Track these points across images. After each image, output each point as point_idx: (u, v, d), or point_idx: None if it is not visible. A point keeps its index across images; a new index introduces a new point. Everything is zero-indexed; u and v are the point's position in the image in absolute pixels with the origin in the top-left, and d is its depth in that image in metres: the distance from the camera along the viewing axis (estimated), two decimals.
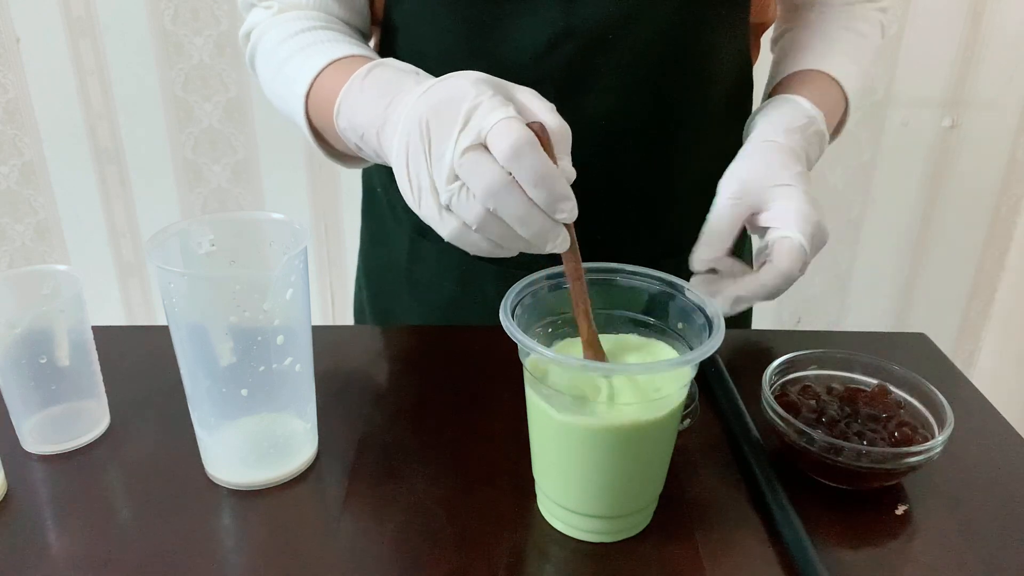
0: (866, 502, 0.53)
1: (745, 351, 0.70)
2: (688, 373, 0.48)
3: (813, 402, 0.57)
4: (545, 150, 0.45)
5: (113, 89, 1.43)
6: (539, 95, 0.48)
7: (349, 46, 0.63)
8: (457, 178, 0.46)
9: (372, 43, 0.75)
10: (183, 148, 1.47)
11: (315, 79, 0.61)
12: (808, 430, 0.52)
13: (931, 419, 0.55)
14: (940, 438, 0.52)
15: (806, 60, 0.71)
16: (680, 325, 0.52)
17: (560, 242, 0.47)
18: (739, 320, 0.81)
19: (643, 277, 0.53)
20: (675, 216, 0.74)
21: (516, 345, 0.46)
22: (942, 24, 1.37)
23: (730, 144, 0.73)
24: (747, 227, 0.62)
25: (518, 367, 0.49)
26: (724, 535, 0.51)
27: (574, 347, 0.52)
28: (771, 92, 0.72)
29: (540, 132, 0.46)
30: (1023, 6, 1.36)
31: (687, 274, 0.58)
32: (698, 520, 0.52)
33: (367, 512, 0.52)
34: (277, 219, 0.55)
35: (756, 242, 0.64)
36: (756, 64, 0.75)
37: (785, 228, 0.58)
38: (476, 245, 0.48)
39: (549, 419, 0.48)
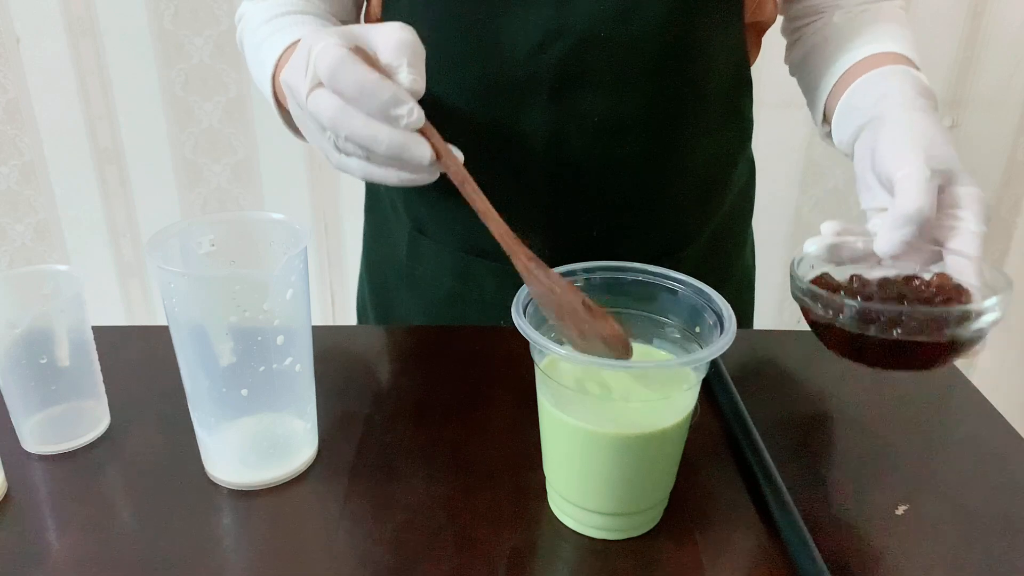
0: (866, 502, 0.53)
1: (745, 351, 0.70)
2: (699, 372, 0.48)
3: (856, 285, 0.49)
4: (372, 66, 0.46)
5: (113, 89, 1.43)
6: (399, 23, 0.49)
7: (319, 26, 0.64)
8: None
9: None
10: (183, 148, 1.47)
11: (279, 58, 0.63)
12: (838, 298, 0.46)
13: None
14: (994, 299, 0.44)
15: (875, 44, 0.67)
16: (690, 324, 0.52)
17: (422, 152, 0.48)
18: (740, 320, 0.81)
19: (654, 275, 0.53)
20: (671, 214, 0.73)
21: (516, 345, 0.46)
22: (942, 24, 1.37)
23: (726, 142, 0.73)
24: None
25: (518, 367, 0.49)
26: (724, 535, 0.51)
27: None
28: (842, 73, 0.67)
29: (359, 51, 0.47)
30: (1023, 6, 1.36)
31: (685, 272, 0.57)
32: (698, 520, 0.52)
33: (367, 512, 0.52)
34: (277, 219, 0.55)
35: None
36: (756, 63, 0.75)
37: (969, 224, 0.51)
38: (368, 173, 0.51)
39: (558, 418, 0.48)
